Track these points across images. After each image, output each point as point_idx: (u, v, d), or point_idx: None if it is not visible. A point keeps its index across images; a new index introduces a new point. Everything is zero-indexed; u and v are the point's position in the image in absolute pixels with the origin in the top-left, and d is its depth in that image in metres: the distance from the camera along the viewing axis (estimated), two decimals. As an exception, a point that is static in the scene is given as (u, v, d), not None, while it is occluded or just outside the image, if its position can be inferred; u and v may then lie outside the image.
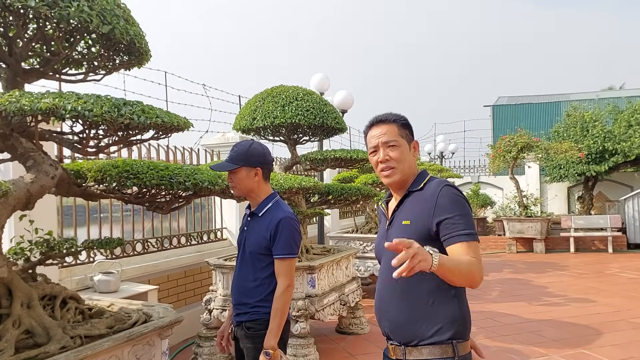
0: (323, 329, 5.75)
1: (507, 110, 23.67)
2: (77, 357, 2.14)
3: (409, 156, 1.95)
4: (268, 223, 2.41)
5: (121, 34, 2.26)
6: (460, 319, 1.81)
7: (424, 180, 1.94)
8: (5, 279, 2.32)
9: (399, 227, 1.89)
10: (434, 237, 1.79)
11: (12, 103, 1.81)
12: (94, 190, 2.63)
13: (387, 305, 1.91)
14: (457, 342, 1.77)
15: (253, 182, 2.45)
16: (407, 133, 1.97)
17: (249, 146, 2.45)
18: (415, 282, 1.79)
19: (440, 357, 1.76)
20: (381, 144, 1.94)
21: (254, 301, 2.41)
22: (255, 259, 2.44)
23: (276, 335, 2.31)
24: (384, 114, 2.00)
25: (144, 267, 4.92)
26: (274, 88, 5.24)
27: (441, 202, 1.79)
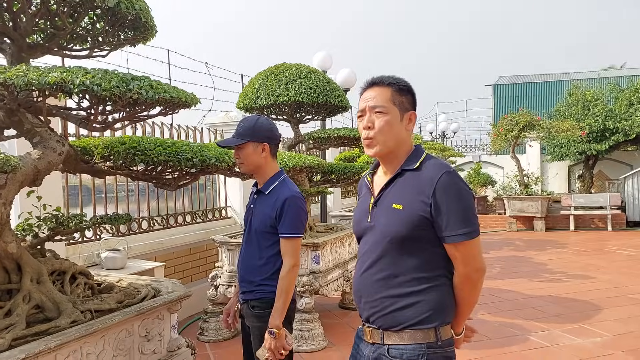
0: (327, 304, 5.82)
1: (508, 90, 23.51)
2: (88, 331, 2.18)
3: (399, 127, 1.74)
4: (274, 202, 2.37)
5: (127, 8, 2.24)
6: (444, 303, 1.71)
7: (420, 159, 1.75)
8: (14, 254, 2.34)
9: (389, 210, 1.73)
10: (427, 225, 1.66)
11: (19, 77, 1.81)
12: (101, 166, 2.64)
13: (366, 288, 1.78)
14: (439, 327, 1.69)
15: (260, 158, 2.40)
16: (404, 101, 1.75)
17: (255, 121, 2.40)
18: (398, 266, 1.72)
19: (421, 342, 1.67)
20: (368, 108, 1.74)
21: (260, 279, 2.39)
22: (260, 237, 2.41)
23: (281, 314, 2.29)
24: (381, 76, 1.79)
25: (150, 245, 4.96)
26: (277, 66, 5.21)
27: (440, 192, 1.64)
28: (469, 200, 1.68)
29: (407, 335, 1.68)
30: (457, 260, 1.69)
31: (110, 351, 2.33)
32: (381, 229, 1.74)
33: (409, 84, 1.80)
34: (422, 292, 1.69)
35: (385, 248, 1.72)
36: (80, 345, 2.16)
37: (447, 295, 1.72)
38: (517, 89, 23.34)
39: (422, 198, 1.66)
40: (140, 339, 2.52)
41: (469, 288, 1.72)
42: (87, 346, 2.20)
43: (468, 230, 1.64)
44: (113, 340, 2.35)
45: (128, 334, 2.44)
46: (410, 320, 1.68)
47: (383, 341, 1.72)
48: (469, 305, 1.76)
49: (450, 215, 1.64)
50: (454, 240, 1.64)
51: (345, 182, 6.09)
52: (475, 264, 1.68)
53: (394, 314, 1.70)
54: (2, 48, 2.41)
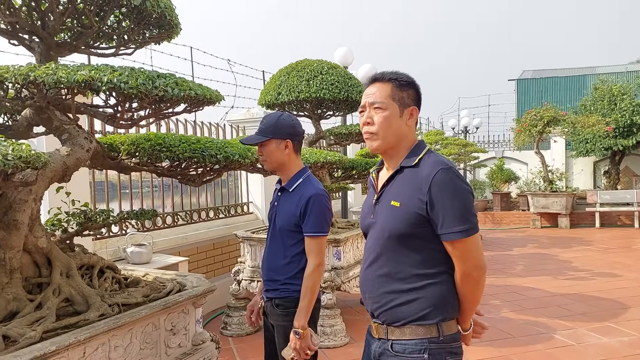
0: (348, 300, 5.83)
1: (532, 84, 23.16)
2: (116, 324, 2.22)
3: (398, 123, 1.75)
4: (298, 199, 2.33)
5: (152, 6, 2.27)
6: (445, 299, 1.71)
7: (419, 156, 1.75)
8: (44, 249, 2.40)
9: (387, 208, 1.75)
10: (424, 222, 1.67)
11: (49, 75, 1.84)
12: (127, 163, 2.68)
13: (370, 284, 1.81)
14: (441, 322, 1.69)
15: (283, 154, 2.37)
16: (404, 96, 1.76)
17: (278, 117, 2.37)
18: (398, 262, 1.73)
19: (423, 337, 1.68)
20: (368, 104, 1.77)
21: (284, 278, 2.37)
22: (285, 236, 2.38)
23: (306, 314, 2.25)
24: (382, 72, 1.81)
25: (174, 240, 5.03)
26: (299, 62, 5.22)
27: (435, 189, 1.64)
28: (465, 197, 1.66)
29: (408, 330, 1.70)
30: (456, 257, 1.68)
31: (138, 344, 2.37)
32: (381, 225, 1.77)
33: (411, 79, 1.80)
34: (422, 288, 1.70)
35: (385, 245, 1.75)
36: (108, 338, 2.20)
37: (448, 291, 1.72)
38: (541, 83, 22.97)
39: (419, 195, 1.66)
40: (166, 333, 2.55)
41: (469, 285, 1.71)
42: (115, 339, 2.24)
43: (465, 227, 1.63)
44: (140, 333, 2.39)
45: (154, 327, 2.48)
46: (411, 315, 1.70)
47: (387, 336, 1.75)
48: (472, 303, 1.76)
49: (446, 213, 1.63)
50: (451, 238, 1.64)
51: (367, 178, 6.08)
52: (474, 262, 1.67)
53: (395, 309, 1.72)
54: (31, 47, 2.46)
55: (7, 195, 2.23)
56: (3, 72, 1.87)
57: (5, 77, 1.86)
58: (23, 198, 2.24)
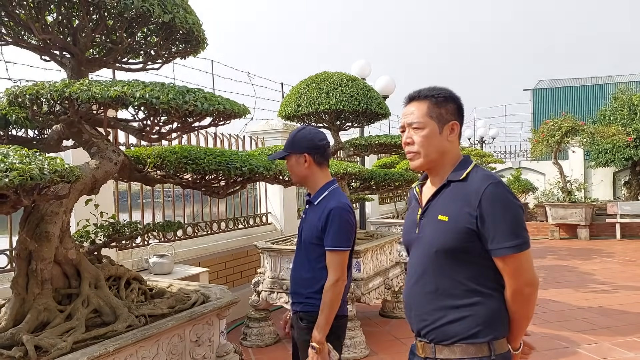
0: (367, 312, 5.80)
1: (548, 94, 23.01)
2: (144, 335, 2.25)
3: (438, 140, 1.73)
4: (321, 213, 2.32)
5: (181, 22, 2.32)
6: (496, 316, 1.66)
7: (467, 170, 1.72)
8: (74, 260, 2.44)
9: (434, 222, 1.72)
10: (474, 237, 1.64)
11: (83, 91, 1.89)
12: (153, 175, 2.72)
13: (417, 300, 1.77)
14: (493, 341, 1.64)
15: (303, 168, 2.36)
16: (443, 112, 1.74)
17: (296, 132, 2.39)
18: (447, 278, 1.69)
19: (474, 356, 1.63)
20: (406, 124, 1.77)
21: (308, 292, 2.35)
22: (309, 249, 2.37)
23: (323, 329, 2.22)
24: (418, 90, 1.79)
25: (195, 250, 5.06)
26: (318, 74, 5.25)
27: (486, 204, 1.61)
28: (516, 212, 1.63)
29: (458, 349, 1.65)
30: (507, 274, 1.64)
31: (164, 355, 2.39)
32: (428, 240, 1.73)
33: (448, 93, 1.78)
34: (472, 305, 1.66)
35: (433, 260, 1.71)
36: (136, 349, 2.23)
37: (500, 308, 1.67)
38: (557, 93, 22.81)
39: (468, 210, 1.63)
40: (191, 344, 2.57)
41: (521, 302, 1.66)
42: (142, 350, 2.27)
43: (516, 243, 1.59)
44: (166, 344, 2.41)
45: (180, 339, 2.50)
46: (461, 334, 1.65)
47: (435, 355, 1.69)
48: (524, 320, 1.71)
49: (497, 228, 1.60)
50: (502, 254, 1.60)
51: (385, 189, 6.07)
52: (525, 278, 1.63)
53: (444, 327, 1.67)
54: (62, 62, 2.53)
55: (39, 207, 2.28)
56: (39, 88, 1.92)
57: (41, 93, 1.91)
58: (54, 210, 2.29)
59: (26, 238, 2.26)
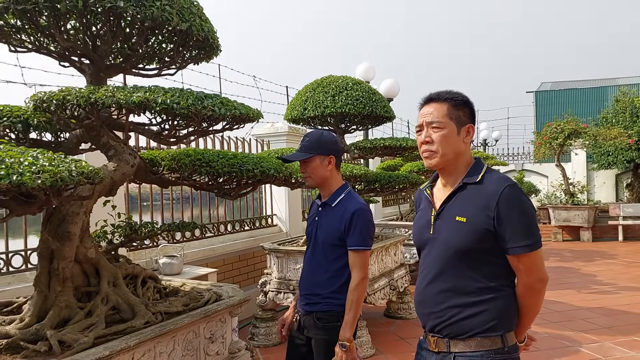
0: (372, 313, 5.88)
1: (551, 96, 23.05)
2: (162, 331, 2.33)
3: (456, 141, 1.81)
4: (342, 214, 2.35)
5: (197, 30, 2.41)
6: (508, 311, 1.76)
7: (481, 172, 1.80)
8: (93, 259, 2.53)
9: (452, 223, 1.79)
10: (490, 237, 1.72)
11: (108, 97, 1.98)
12: (168, 177, 2.81)
13: (432, 298, 1.83)
14: (505, 334, 1.74)
15: (326, 170, 2.41)
16: (461, 115, 1.82)
17: (320, 135, 2.42)
18: (463, 276, 1.77)
19: (489, 348, 1.72)
20: (425, 124, 1.83)
21: (327, 292, 2.37)
22: (327, 250, 2.40)
23: (352, 327, 2.27)
24: (438, 92, 1.87)
25: (202, 251, 5.15)
26: (324, 78, 5.34)
27: (503, 205, 1.70)
28: (531, 213, 1.73)
29: (474, 342, 1.74)
30: (520, 271, 1.74)
31: (180, 351, 2.48)
32: (445, 240, 1.80)
33: (465, 98, 1.86)
34: (487, 301, 1.75)
35: (450, 259, 1.79)
36: (154, 344, 2.32)
37: (511, 303, 1.78)
38: (559, 95, 22.85)
39: (486, 211, 1.71)
40: (205, 341, 2.66)
41: (532, 297, 1.77)
42: (160, 345, 2.36)
43: (530, 242, 1.69)
44: (182, 341, 2.50)
45: (195, 335, 2.59)
46: (477, 328, 1.74)
47: (449, 349, 1.77)
48: (532, 314, 1.82)
49: (513, 228, 1.69)
50: (517, 252, 1.70)
51: (389, 191, 6.15)
52: (538, 275, 1.74)
53: (460, 322, 1.76)
54: (82, 68, 2.62)
55: (61, 208, 2.37)
56: (65, 94, 2.01)
57: (67, 99, 2.00)
58: (75, 211, 2.38)
59: (48, 237, 2.35)
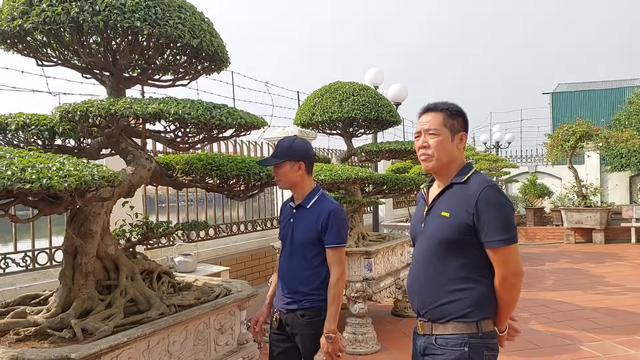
0: (379, 311, 6.06)
1: (568, 98, 22.99)
2: (175, 321, 2.54)
3: (450, 146, 2.02)
4: (318, 214, 2.52)
5: (207, 45, 2.62)
6: (485, 300, 1.95)
7: (468, 174, 2.02)
8: (113, 255, 2.76)
9: (438, 217, 2.02)
10: (470, 231, 1.93)
11: (126, 108, 2.20)
12: (182, 180, 3.03)
13: (418, 285, 2.07)
14: (480, 321, 1.94)
15: (296, 175, 2.57)
16: (455, 123, 2.04)
17: (291, 142, 2.59)
18: (445, 266, 1.99)
19: (464, 332, 1.93)
20: (423, 130, 2.05)
21: (308, 289, 2.53)
22: (305, 249, 2.54)
23: (335, 319, 2.44)
24: (434, 103, 2.08)
25: (216, 250, 5.39)
26: (332, 84, 5.54)
27: (482, 203, 1.90)
28: (507, 211, 1.94)
29: (451, 326, 1.95)
30: (497, 263, 1.94)
31: (192, 340, 2.69)
32: (431, 233, 2.05)
33: (459, 109, 2.09)
34: (466, 289, 1.96)
35: (435, 250, 2.02)
36: (168, 333, 2.53)
37: (488, 293, 1.97)
38: (577, 96, 22.76)
39: (467, 208, 1.93)
40: (215, 332, 2.87)
41: (507, 289, 1.96)
42: (173, 335, 2.57)
43: (506, 237, 1.89)
44: (194, 331, 2.71)
45: (206, 326, 2.80)
46: (454, 313, 1.95)
47: (432, 332, 2.00)
48: (509, 305, 2.00)
49: (490, 224, 1.90)
50: (493, 245, 1.91)
51: (397, 193, 6.31)
52: (512, 268, 1.93)
53: (441, 307, 1.98)
54: (103, 80, 2.85)
55: (84, 209, 2.60)
56: (88, 106, 2.24)
57: (90, 110, 2.22)
58: (97, 211, 2.61)
59: (72, 235, 2.58)
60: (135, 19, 2.31)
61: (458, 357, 1.92)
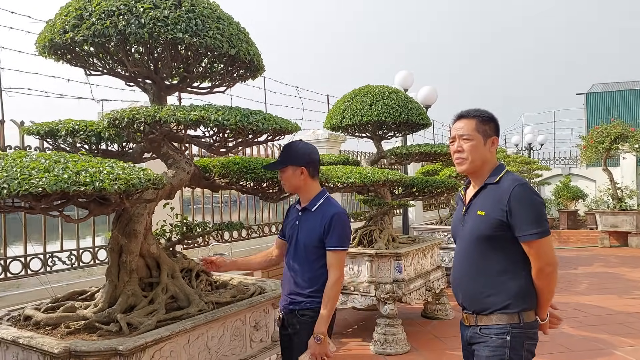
0: (409, 313, 6.09)
1: (603, 98, 22.47)
2: (214, 317, 2.67)
3: (483, 150, 2.19)
4: (322, 217, 2.54)
5: (244, 54, 2.74)
6: (526, 292, 2.10)
7: (500, 174, 2.18)
8: (155, 254, 2.90)
9: (474, 216, 2.19)
10: (505, 227, 2.08)
11: (170, 115, 2.34)
12: (219, 182, 3.16)
13: (462, 279, 2.24)
14: (521, 312, 2.08)
15: (299, 180, 2.60)
16: (487, 129, 2.20)
17: (296, 147, 2.63)
18: (485, 262, 2.15)
19: (507, 322, 2.08)
20: (457, 136, 2.23)
21: (309, 291, 2.55)
22: (309, 252, 2.57)
23: (326, 322, 2.45)
24: (467, 110, 2.25)
25: (248, 251, 5.52)
26: (362, 88, 5.62)
27: (514, 201, 2.05)
28: (538, 206, 2.09)
29: (494, 317, 2.11)
30: (532, 256, 2.09)
31: (229, 336, 2.81)
32: (470, 231, 2.22)
33: (491, 115, 2.26)
34: (505, 282, 2.11)
35: (474, 247, 2.19)
36: (207, 329, 2.66)
37: (527, 285, 2.11)
38: (612, 97, 22.24)
39: (500, 206, 2.10)
40: (250, 329, 2.99)
41: (543, 279, 2.10)
42: (211, 330, 2.70)
43: (539, 230, 2.04)
44: (230, 327, 2.83)
45: (241, 323, 2.92)
46: (496, 305, 2.11)
47: (477, 323, 2.17)
48: (547, 295, 2.15)
49: (523, 219, 2.05)
50: (527, 239, 2.05)
51: (427, 196, 6.34)
52: (547, 259, 2.07)
53: (483, 300, 2.14)
54: (145, 88, 3.01)
55: (128, 210, 2.75)
56: (135, 113, 2.38)
57: (136, 118, 2.37)
58: (140, 212, 2.76)
59: (118, 235, 2.73)
60: (178, 31, 2.44)
61: (500, 345, 2.07)
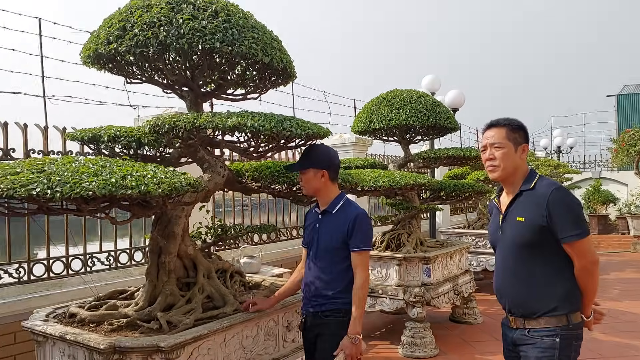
0: (437, 317, 6.09)
1: (634, 100, 21.96)
2: (249, 317, 2.76)
3: (514, 157, 2.26)
4: (344, 219, 2.57)
5: (277, 62, 2.83)
6: (572, 294, 2.16)
7: (534, 180, 2.24)
8: (191, 255, 3.01)
9: (514, 223, 2.24)
10: (545, 231, 2.13)
11: (209, 122, 2.44)
12: (251, 186, 3.25)
13: (507, 285, 2.30)
14: (569, 313, 2.14)
15: (320, 182, 2.63)
16: (517, 136, 2.27)
17: (318, 150, 2.67)
18: (529, 266, 2.20)
19: (556, 325, 2.13)
20: (489, 144, 2.29)
21: (332, 293, 2.57)
22: (331, 254, 2.59)
23: (360, 322, 2.47)
24: (497, 119, 2.32)
25: (277, 253, 5.62)
26: (389, 92, 5.66)
27: (552, 205, 2.11)
28: (576, 208, 2.16)
29: (543, 320, 2.17)
30: (574, 256, 2.15)
31: (262, 336, 2.89)
32: (509, 237, 2.27)
33: (520, 123, 2.33)
34: (551, 286, 2.17)
35: (517, 253, 2.25)
36: (242, 328, 2.75)
37: (572, 287, 2.17)
38: (645, 99, 21.72)
39: (540, 211, 2.15)
40: (283, 329, 3.06)
41: (586, 277, 2.16)
42: (246, 330, 2.78)
43: (579, 231, 2.11)
44: (264, 327, 2.91)
45: (274, 323, 3.00)
46: (544, 309, 2.16)
47: (525, 326, 2.22)
48: (591, 292, 2.21)
49: (563, 222, 2.12)
50: (569, 240, 2.12)
51: (454, 200, 6.33)
52: (588, 258, 2.14)
53: (530, 305, 2.20)
54: (183, 95, 3.12)
55: (167, 212, 2.86)
56: (175, 120, 2.49)
57: (177, 124, 2.47)
58: (178, 214, 2.87)
59: (157, 236, 2.85)
60: (215, 40, 2.54)
61: (549, 346, 2.13)
